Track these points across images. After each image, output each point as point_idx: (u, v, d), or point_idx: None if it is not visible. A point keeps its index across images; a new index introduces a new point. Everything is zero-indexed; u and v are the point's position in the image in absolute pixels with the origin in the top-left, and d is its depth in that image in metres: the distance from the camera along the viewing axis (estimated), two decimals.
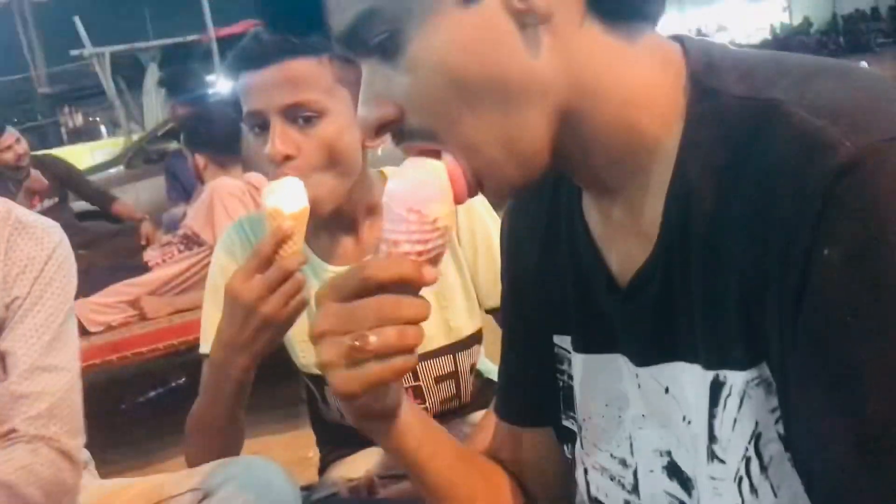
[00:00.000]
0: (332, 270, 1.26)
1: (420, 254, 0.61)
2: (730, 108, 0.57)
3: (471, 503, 0.79)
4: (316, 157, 1.13)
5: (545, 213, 0.76)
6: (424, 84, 0.58)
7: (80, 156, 7.56)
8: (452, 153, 0.60)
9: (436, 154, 0.61)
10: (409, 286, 0.61)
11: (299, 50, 1.11)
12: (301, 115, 1.13)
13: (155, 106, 6.74)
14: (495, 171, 0.61)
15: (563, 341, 0.76)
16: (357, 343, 0.60)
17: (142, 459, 2.83)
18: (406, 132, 0.61)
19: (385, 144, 1.26)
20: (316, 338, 0.62)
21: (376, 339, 0.60)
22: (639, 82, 0.59)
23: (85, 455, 1.37)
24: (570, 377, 0.76)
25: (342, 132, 1.14)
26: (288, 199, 1.02)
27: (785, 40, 21.27)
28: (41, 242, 1.23)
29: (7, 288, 1.19)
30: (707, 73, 0.59)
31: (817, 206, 0.48)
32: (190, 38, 9.17)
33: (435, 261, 0.62)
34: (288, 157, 1.12)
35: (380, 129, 0.61)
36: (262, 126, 1.14)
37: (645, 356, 0.66)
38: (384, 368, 0.61)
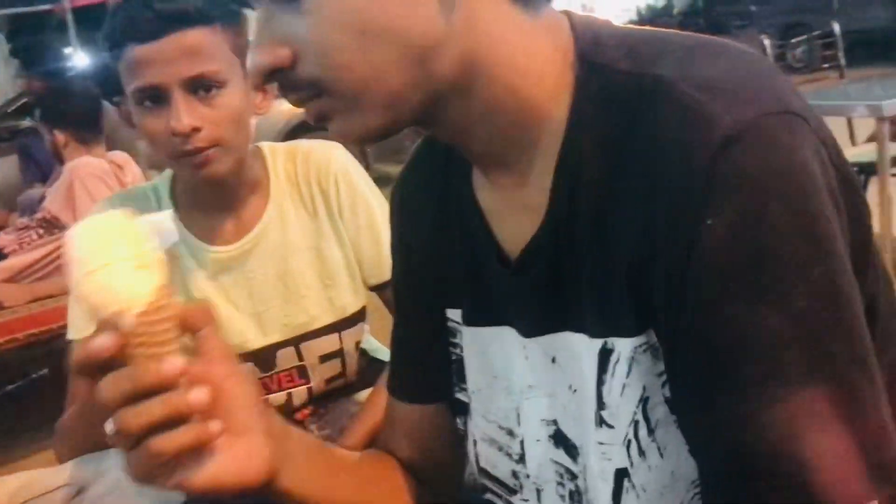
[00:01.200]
0: (213, 251, 1.22)
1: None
2: (616, 84, 0.58)
3: None
4: (220, 128, 1.11)
5: (437, 187, 0.76)
6: (323, 27, 0.56)
7: None
8: (332, 101, 0.59)
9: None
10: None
11: (195, 20, 1.08)
12: (203, 87, 1.10)
13: (4, 80, 6.29)
14: (358, 117, 0.59)
15: (455, 315, 0.77)
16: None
17: (2, 455, 2.68)
18: (295, 81, 0.59)
19: (266, 110, 1.23)
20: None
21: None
22: (532, 55, 0.60)
23: None
24: (462, 349, 0.76)
25: (241, 103, 1.13)
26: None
27: (650, 21, 22.11)
28: None
29: None
30: (594, 49, 0.60)
31: (701, 179, 0.51)
32: (41, 7, 8.63)
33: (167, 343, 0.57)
34: (196, 130, 1.09)
35: (269, 76, 0.59)
36: (155, 100, 1.10)
37: (533, 328, 0.67)
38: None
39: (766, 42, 5.63)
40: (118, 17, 1.10)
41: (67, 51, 7.00)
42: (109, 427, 0.57)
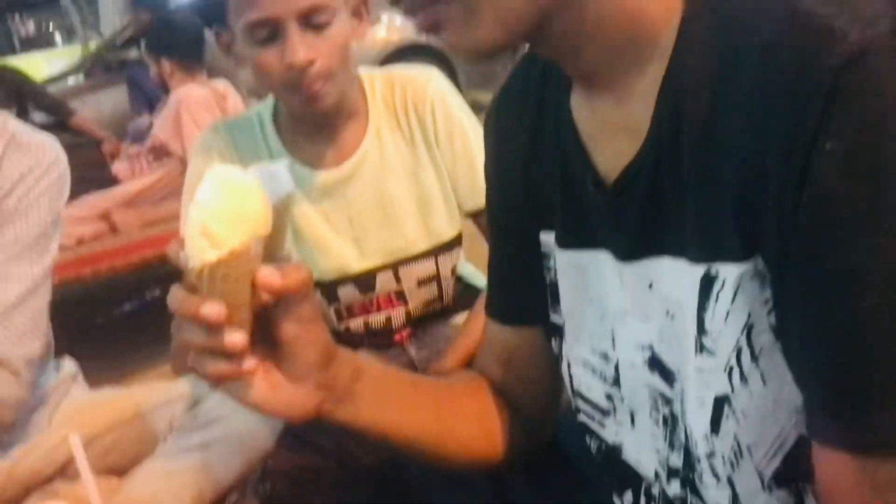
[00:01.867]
0: (315, 175, 1.25)
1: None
2: (727, 5, 0.56)
3: (461, 448, 0.82)
4: (332, 59, 1.13)
5: (532, 108, 0.75)
6: None
7: (36, 65, 7.30)
8: (447, 8, 0.58)
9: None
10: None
11: None
12: (314, 19, 1.11)
13: (111, 12, 6.46)
14: (473, 28, 0.58)
15: (548, 237, 0.77)
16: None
17: (119, 372, 2.85)
18: None
19: (363, 37, 1.24)
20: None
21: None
22: None
23: (72, 367, 1.39)
24: (556, 272, 0.76)
25: (347, 32, 1.14)
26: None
27: None
28: (36, 158, 1.22)
29: None
30: None
31: (821, 100, 0.47)
32: None
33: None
34: (310, 62, 1.11)
35: None
36: (269, 33, 1.11)
37: (629, 252, 0.66)
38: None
39: None
40: None
41: None
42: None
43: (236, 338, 0.62)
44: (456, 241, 1.33)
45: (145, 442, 1.26)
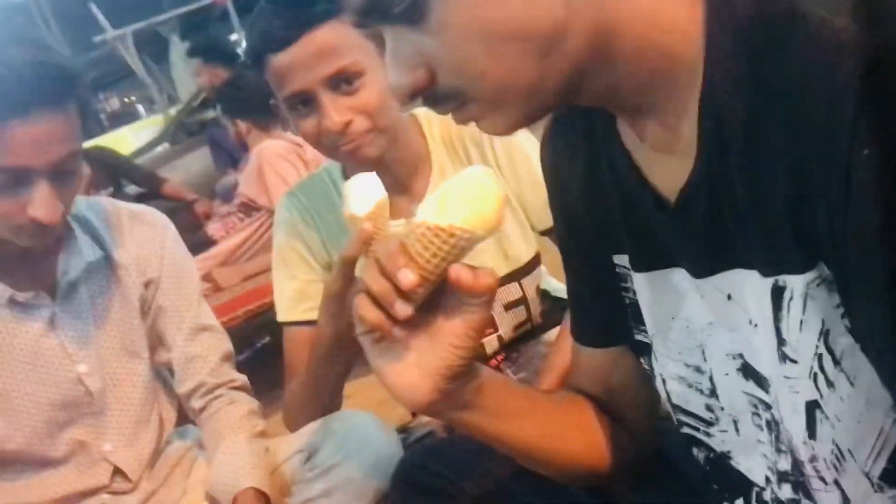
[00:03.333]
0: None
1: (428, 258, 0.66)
2: (747, 14, 0.56)
3: (572, 458, 0.84)
4: (370, 115, 1.14)
5: (582, 142, 0.77)
6: (454, 42, 0.58)
7: (125, 139, 7.63)
8: (476, 105, 0.61)
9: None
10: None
11: (323, 16, 1.10)
12: (344, 80, 1.13)
13: (184, 77, 6.74)
14: (504, 114, 0.62)
15: (622, 260, 0.78)
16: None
17: None
18: (438, 94, 0.62)
19: None
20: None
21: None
22: (658, 4, 0.59)
23: (198, 433, 1.48)
24: (635, 293, 0.77)
25: (383, 84, 1.14)
26: (360, 198, 1.01)
27: None
28: (155, 225, 1.37)
29: (142, 270, 1.34)
30: None
31: (850, 109, 0.48)
32: (205, 2, 9.11)
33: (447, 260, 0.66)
34: (347, 125, 1.13)
35: (413, 95, 0.62)
36: (305, 103, 1.15)
37: (702, 268, 0.67)
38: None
39: None
40: (254, 30, 1.15)
41: (234, 38, 7.39)
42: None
43: (410, 277, 0.65)
44: (535, 262, 1.34)
45: (283, 493, 1.32)
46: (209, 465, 1.37)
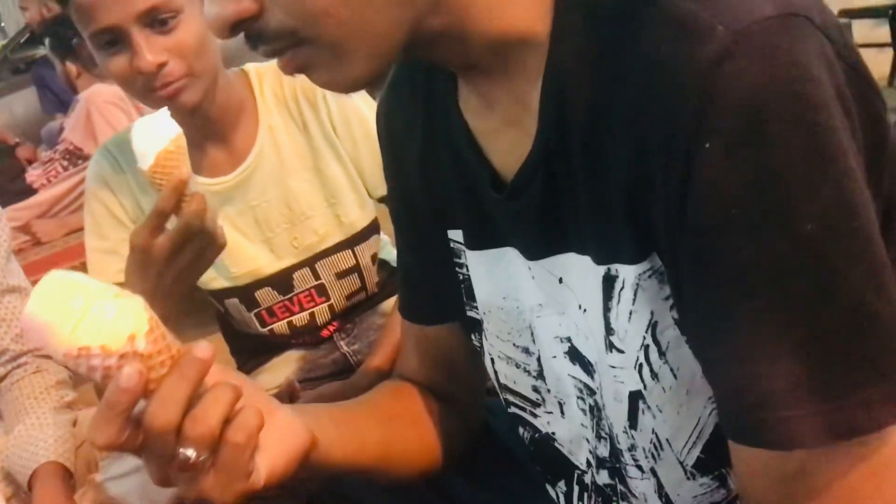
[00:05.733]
0: (211, 183, 1.20)
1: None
2: None
3: (409, 459, 0.80)
4: (186, 58, 1.07)
5: (421, 105, 0.72)
6: None
7: None
8: (312, 50, 0.54)
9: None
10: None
11: None
12: (158, 19, 1.05)
13: (12, 9, 6.21)
14: (345, 66, 0.54)
15: (456, 235, 0.75)
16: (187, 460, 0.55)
17: None
18: (265, 32, 0.53)
19: None
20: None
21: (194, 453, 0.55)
22: None
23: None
24: (468, 269, 0.75)
25: (201, 26, 1.07)
26: (151, 141, 0.92)
27: None
28: None
29: None
30: None
31: (695, 99, 0.46)
32: None
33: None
34: (161, 65, 1.05)
35: (235, 27, 0.53)
36: (114, 41, 1.06)
37: (535, 250, 0.65)
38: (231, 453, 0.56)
39: None
40: None
41: None
42: (190, 453, 0.55)
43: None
44: (372, 229, 1.30)
45: (90, 470, 1.25)
46: (6, 438, 1.27)
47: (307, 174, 1.23)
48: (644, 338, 0.57)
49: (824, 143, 0.45)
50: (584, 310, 0.62)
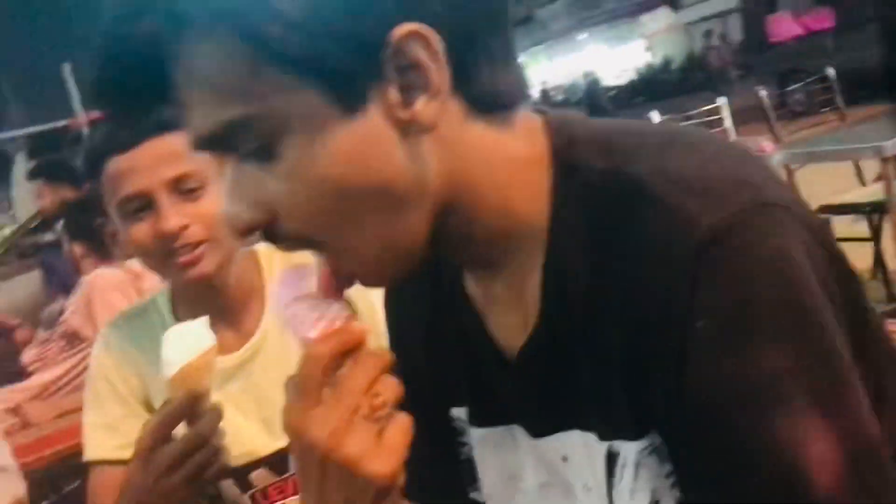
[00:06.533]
0: (219, 360, 1.21)
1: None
2: (593, 184, 0.58)
3: None
4: (207, 225, 1.11)
5: (427, 291, 0.76)
6: (303, 194, 0.55)
7: None
8: (329, 256, 0.59)
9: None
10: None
11: (172, 124, 1.06)
12: (186, 187, 1.10)
13: (26, 198, 6.43)
14: (372, 268, 0.60)
15: (460, 413, 0.75)
16: (375, 410, 0.59)
17: None
18: (281, 235, 0.59)
19: None
20: (330, 443, 0.59)
21: (381, 398, 0.59)
22: (512, 166, 0.60)
23: None
24: (471, 448, 0.75)
25: None
26: (181, 347, 0.94)
27: (650, 80, 22.50)
28: None
29: None
30: (568, 149, 0.60)
31: (686, 284, 0.50)
32: (59, 123, 8.84)
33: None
34: (183, 228, 1.09)
35: (249, 232, 0.59)
36: (143, 208, 1.10)
37: (540, 427, 0.66)
38: (400, 429, 0.60)
39: (763, 93, 5.74)
40: (95, 134, 1.13)
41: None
42: None
43: None
44: None
45: None
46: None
47: None
48: None
49: (811, 322, 0.49)
50: (590, 488, 0.63)
